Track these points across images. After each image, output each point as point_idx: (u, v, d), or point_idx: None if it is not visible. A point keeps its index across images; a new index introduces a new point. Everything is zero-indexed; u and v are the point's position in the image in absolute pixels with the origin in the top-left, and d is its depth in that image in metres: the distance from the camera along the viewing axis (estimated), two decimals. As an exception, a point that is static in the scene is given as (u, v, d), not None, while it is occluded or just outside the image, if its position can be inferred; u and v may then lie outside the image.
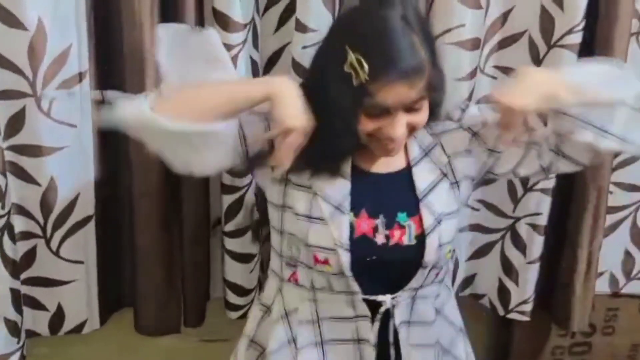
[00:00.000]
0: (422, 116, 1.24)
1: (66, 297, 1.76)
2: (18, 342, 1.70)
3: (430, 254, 1.29)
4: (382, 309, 1.32)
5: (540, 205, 1.80)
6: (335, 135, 1.23)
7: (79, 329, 1.79)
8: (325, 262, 1.29)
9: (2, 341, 1.67)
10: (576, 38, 1.64)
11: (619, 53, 1.66)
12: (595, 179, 1.77)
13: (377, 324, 1.33)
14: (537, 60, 1.71)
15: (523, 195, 1.82)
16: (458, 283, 1.95)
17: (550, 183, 1.78)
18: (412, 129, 1.24)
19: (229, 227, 1.74)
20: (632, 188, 1.90)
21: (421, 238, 1.30)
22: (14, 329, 1.68)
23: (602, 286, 1.96)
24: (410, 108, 1.20)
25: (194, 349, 2.04)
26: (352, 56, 1.14)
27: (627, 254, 1.96)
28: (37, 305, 1.76)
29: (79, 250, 1.72)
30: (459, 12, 1.59)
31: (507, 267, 1.89)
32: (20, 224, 1.66)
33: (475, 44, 1.64)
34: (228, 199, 1.70)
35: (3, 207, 1.59)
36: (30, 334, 1.77)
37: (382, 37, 1.17)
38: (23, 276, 1.71)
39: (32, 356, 1.79)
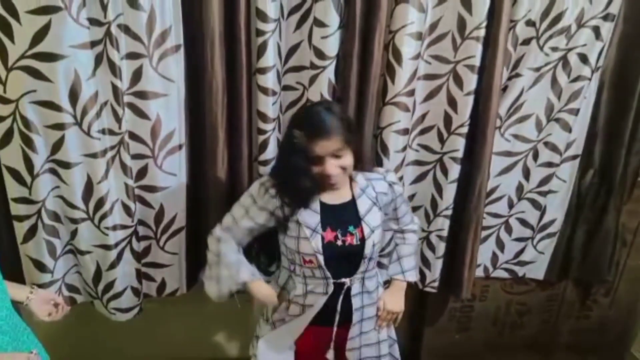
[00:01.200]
0: (347, 160, 1.28)
1: (167, 274, 1.78)
2: (138, 300, 1.73)
3: (368, 250, 1.36)
4: (345, 287, 1.39)
5: (443, 224, 1.81)
6: (300, 180, 1.28)
7: (174, 293, 1.81)
8: (310, 262, 1.35)
9: (129, 298, 1.70)
10: (465, 129, 1.66)
11: (489, 139, 1.65)
12: (476, 210, 1.77)
13: (340, 297, 1.38)
14: (442, 142, 1.71)
15: (433, 219, 1.82)
16: None
17: (449, 212, 1.78)
18: (343, 169, 1.28)
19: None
20: (495, 215, 1.90)
21: (362, 241, 1.35)
22: (136, 292, 1.71)
23: (479, 272, 1.98)
24: (335, 155, 1.26)
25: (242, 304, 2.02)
26: (296, 131, 1.25)
27: (494, 254, 1.98)
28: (150, 278, 1.77)
29: (175, 246, 1.73)
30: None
31: (424, 261, 1.90)
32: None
33: (405, 132, 1.66)
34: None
35: (133, 220, 1.61)
36: (146, 295, 1.79)
37: (310, 117, 1.26)
38: (143, 261, 1.73)
39: (147, 310, 1.79)
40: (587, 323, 2.22)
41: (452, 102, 1.68)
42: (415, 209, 1.87)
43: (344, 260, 1.37)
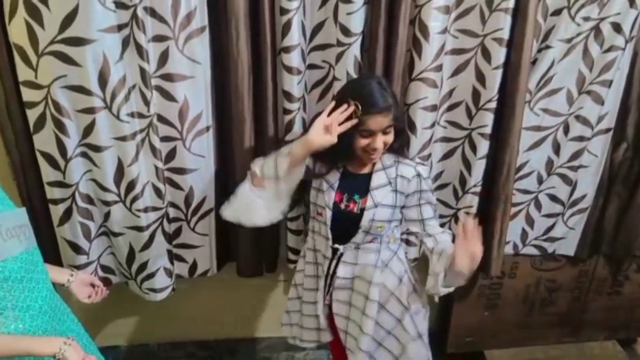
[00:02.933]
0: (391, 137, 1.33)
1: (198, 255, 1.79)
2: (171, 280, 1.74)
3: (365, 221, 1.37)
4: (339, 253, 1.43)
5: (472, 201, 1.79)
6: (344, 148, 1.31)
7: (205, 273, 1.83)
8: (320, 214, 1.42)
9: (162, 279, 1.71)
10: (493, 104, 1.64)
11: (518, 114, 1.63)
12: (505, 186, 1.74)
13: (334, 262, 1.43)
14: (470, 117, 1.69)
15: (462, 195, 1.80)
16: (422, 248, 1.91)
17: (478, 189, 1.76)
18: (384, 145, 1.32)
19: (290, 214, 1.74)
20: (525, 191, 1.87)
21: (363, 211, 1.38)
22: (169, 273, 1.72)
23: (508, 249, 1.97)
24: (384, 131, 1.30)
25: (270, 285, 2.09)
26: (352, 102, 1.26)
27: (523, 230, 1.95)
28: (181, 259, 1.79)
29: (205, 227, 1.73)
30: (424, 90, 1.59)
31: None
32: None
33: (433, 108, 1.64)
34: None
35: (163, 202, 1.61)
36: (178, 276, 1.80)
37: (368, 92, 1.27)
38: (174, 243, 1.75)
39: (178, 290, 1.81)
40: (618, 300, 2.19)
41: (480, 77, 1.64)
42: (443, 186, 1.85)
43: (344, 226, 1.40)
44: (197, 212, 1.71)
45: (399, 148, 1.40)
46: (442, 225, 1.75)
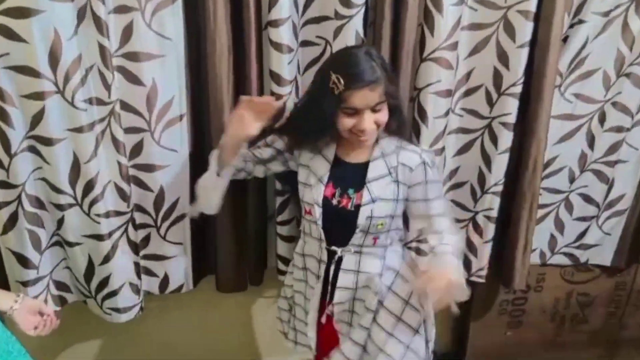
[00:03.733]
0: (383, 115, 1.32)
1: (170, 268, 1.77)
2: (138, 298, 1.73)
3: (361, 219, 1.35)
4: (336, 256, 1.42)
5: (492, 203, 1.79)
6: (324, 128, 1.34)
7: (179, 289, 1.81)
8: (309, 212, 1.42)
9: (128, 296, 1.70)
10: (518, 89, 1.64)
11: (546, 100, 1.63)
12: (531, 185, 1.74)
13: (332, 266, 1.42)
14: (491, 104, 1.68)
15: (481, 196, 1.80)
16: None
17: (500, 188, 1.76)
18: (377, 125, 1.31)
19: (280, 218, 1.74)
20: (554, 191, 1.88)
21: (358, 208, 1.36)
22: (135, 290, 1.71)
23: (534, 258, 1.96)
24: (373, 109, 1.29)
25: (256, 302, 2.08)
26: (334, 76, 1.25)
27: (552, 236, 1.95)
28: (150, 273, 1.77)
29: (178, 235, 1.73)
30: (437, 72, 1.58)
31: (470, 245, 1.88)
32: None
33: (448, 93, 1.63)
34: (279, 199, 1.71)
35: (128, 205, 1.60)
36: (147, 293, 1.79)
37: (352, 63, 1.27)
38: (141, 254, 1.72)
39: (148, 309, 1.81)
40: (661, 315, 2.21)
41: (502, 57, 1.63)
42: (459, 185, 1.85)
43: (339, 225, 1.40)
44: (168, 216, 1.69)
45: (398, 130, 1.40)
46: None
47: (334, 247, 1.42)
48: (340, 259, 1.43)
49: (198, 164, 1.66)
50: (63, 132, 1.46)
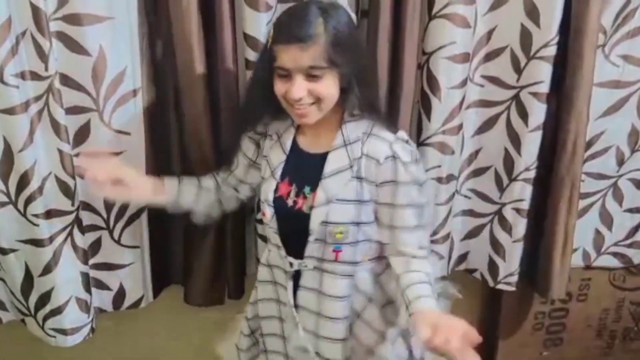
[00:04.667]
0: (324, 86, 1.26)
1: (126, 278, 1.77)
2: (88, 317, 1.71)
3: (314, 224, 1.33)
4: (292, 269, 1.41)
5: (523, 192, 1.78)
6: (256, 86, 1.34)
7: (137, 304, 1.80)
8: (264, 214, 1.42)
9: (75, 316, 1.68)
10: (551, 51, 1.63)
11: (587, 63, 1.62)
12: (569, 169, 1.74)
13: (290, 282, 1.43)
14: (518, 71, 1.69)
15: (508, 184, 1.80)
16: (454, 260, 1.94)
17: (532, 174, 1.77)
18: (317, 99, 1.27)
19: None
20: (599, 176, 1.88)
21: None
22: (84, 306, 1.69)
23: (576, 260, 1.96)
24: (309, 75, 1.24)
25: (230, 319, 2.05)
26: (269, 31, 1.27)
27: (597, 232, 1.96)
28: (102, 286, 1.77)
29: (134, 237, 1.73)
30: (450, 31, 1.58)
31: (496, 246, 1.88)
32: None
33: (465, 58, 1.62)
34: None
35: (73, 203, 1.58)
36: (99, 310, 1.79)
37: (291, 14, 1.28)
38: (91, 262, 1.71)
39: (100, 329, 1.79)
40: None
41: (532, 12, 1.64)
42: (481, 171, 1.85)
43: (295, 231, 1.38)
44: (122, 215, 1.70)
45: (368, 111, 1.35)
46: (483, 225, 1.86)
47: (290, 259, 1.41)
48: (297, 274, 1.43)
49: (156, 149, 1.66)
50: (-11, 115, 1.45)
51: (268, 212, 1.40)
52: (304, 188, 1.36)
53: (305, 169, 1.38)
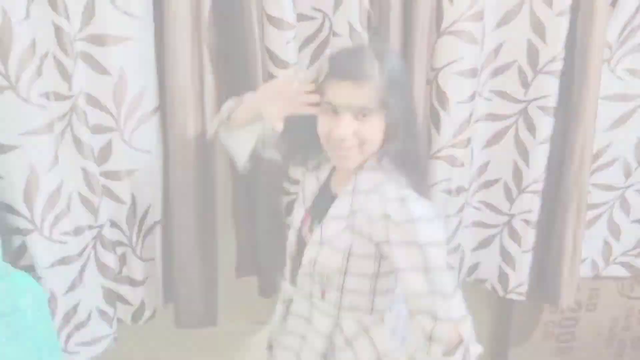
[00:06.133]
0: (371, 130, 1.20)
1: (145, 292, 1.73)
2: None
3: (304, 260, 1.33)
4: (287, 296, 1.44)
5: (532, 204, 1.78)
6: (298, 132, 1.33)
7: (153, 315, 1.77)
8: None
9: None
10: (558, 65, 1.64)
11: (593, 77, 1.64)
12: (577, 181, 1.74)
13: (281, 306, 1.46)
14: (526, 85, 1.69)
15: (517, 195, 1.81)
16: (464, 270, 1.94)
17: (540, 186, 1.77)
18: (361, 142, 1.21)
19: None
20: (606, 187, 1.88)
21: None
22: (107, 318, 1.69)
23: (585, 269, 1.97)
24: (357, 115, 1.19)
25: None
26: (322, 65, 1.24)
27: (606, 243, 1.96)
28: (124, 301, 1.72)
29: (150, 249, 1.70)
30: (459, 47, 1.59)
31: (506, 256, 1.88)
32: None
33: (473, 73, 1.63)
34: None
35: (96, 220, 1.58)
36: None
37: (348, 51, 1.26)
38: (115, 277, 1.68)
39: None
40: None
41: (538, 27, 1.65)
42: (490, 183, 1.86)
43: (300, 259, 1.38)
44: (141, 229, 1.69)
45: (399, 163, 1.26)
46: (493, 236, 1.80)
47: (287, 285, 1.44)
48: (290, 301, 1.44)
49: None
50: (17, 138, 1.41)
51: (291, 236, 1.40)
52: (316, 222, 1.33)
53: (322, 205, 1.34)
